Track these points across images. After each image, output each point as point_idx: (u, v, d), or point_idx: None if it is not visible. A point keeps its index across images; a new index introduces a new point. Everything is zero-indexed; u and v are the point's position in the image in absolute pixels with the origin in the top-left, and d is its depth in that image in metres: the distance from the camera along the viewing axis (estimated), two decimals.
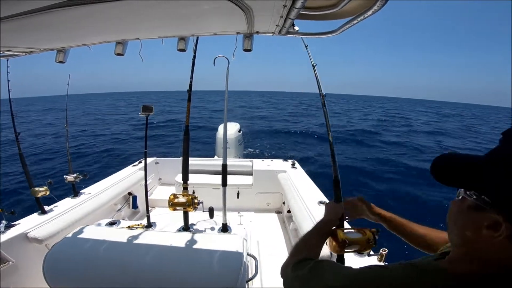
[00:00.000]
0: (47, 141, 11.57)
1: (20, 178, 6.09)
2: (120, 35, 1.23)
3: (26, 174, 2.06)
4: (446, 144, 12.63)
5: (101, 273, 1.17)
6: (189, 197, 1.55)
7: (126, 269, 1.17)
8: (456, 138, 15.56)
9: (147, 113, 1.79)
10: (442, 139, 14.43)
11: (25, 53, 1.34)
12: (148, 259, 1.19)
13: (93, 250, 1.24)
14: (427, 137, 14.95)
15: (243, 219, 2.97)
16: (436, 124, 23.08)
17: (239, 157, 4.45)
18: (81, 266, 1.20)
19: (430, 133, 16.63)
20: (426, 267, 0.42)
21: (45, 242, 1.82)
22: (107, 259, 1.22)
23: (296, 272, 0.66)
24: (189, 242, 1.29)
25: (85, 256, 1.22)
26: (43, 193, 2.03)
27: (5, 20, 0.77)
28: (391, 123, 21.33)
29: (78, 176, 2.41)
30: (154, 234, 1.39)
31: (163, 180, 3.83)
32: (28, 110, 32.37)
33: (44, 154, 9.31)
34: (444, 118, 30.94)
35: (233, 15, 0.92)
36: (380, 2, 0.67)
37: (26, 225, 1.87)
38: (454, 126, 22.30)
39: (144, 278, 1.13)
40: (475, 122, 29.70)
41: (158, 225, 1.87)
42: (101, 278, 1.15)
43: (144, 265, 1.17)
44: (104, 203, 2.51)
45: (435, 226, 0.85)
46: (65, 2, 0.69)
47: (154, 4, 0.83)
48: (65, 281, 1.18)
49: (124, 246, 1.30)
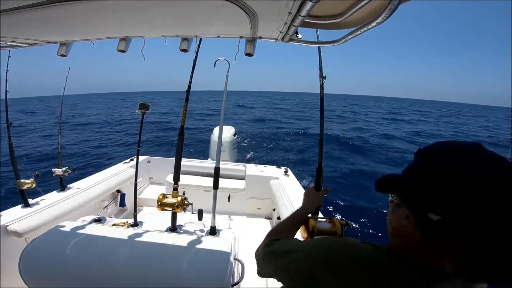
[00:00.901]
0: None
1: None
2: (124, 31, 1.23)
3: (13, 165, 2.01)
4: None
5: (81, 271, 1.12)
6: (179, 198, 1.52)
7: (108, 268, 1.13)
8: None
9: (143, 111, 1.78)
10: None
11: (28, 44, 1.33)
12: (131, 258, 1.16)
13: (74, 247, 1.19)
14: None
15: (233, 223, 2.94)
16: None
17: (233, 161, 4.44)
18: (60, 262, 1.15)
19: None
20: (383, 247, 0.56)
21: (25, 236, 1.76)
22: (87, 256, 1.18)
23: (266, 248, 0.74)
24: (175, 243, 1.26)
25: (65, 252, 1.17)
26: (29, 186, 1.98)
27: (10, 12, 0.76)
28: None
29: (67, 170, 2.35)
30: (140, 234, 1.36)
31: (154, 179, 3.78)
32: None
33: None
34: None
35: (237, 19, 0.93)
36: (385, 14, 0.68)
37: (7, 217, 1.80)
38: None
39: (126, 278, 1.09)
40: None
41: (145, 225, 1.83)
42: (81, 277, 1.10)
43: (126, 264, 1.13)
44: (91, 199, 2.45)
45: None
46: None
47: (160, 3, 0.83)
48: (41, 278, 1.12)
49: (107, 243, 1.26)
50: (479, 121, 36.30)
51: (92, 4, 0.78)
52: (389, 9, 0.67)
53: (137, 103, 1.80)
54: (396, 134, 16.59)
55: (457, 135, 19.68)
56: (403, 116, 33.33)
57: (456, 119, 37.26)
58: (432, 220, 0.45)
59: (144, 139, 10.75)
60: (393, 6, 0.66)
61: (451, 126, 26.12)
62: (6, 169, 6.10)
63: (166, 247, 1.24)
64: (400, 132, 17.92)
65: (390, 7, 0.66)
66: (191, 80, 1.65)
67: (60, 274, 1.12)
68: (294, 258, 0.60)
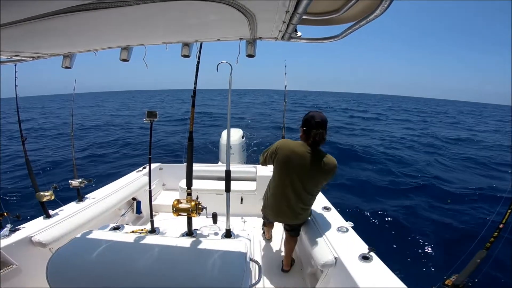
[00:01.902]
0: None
1: (24, 183, 6.15)
2: (125, 40, 1.25)
3: (31, 178, 2.08)
4: None
5: (104, 277, 1.16)
6: (193, 203, 1.54)
7: (129, 274, 1.16)
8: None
9: (152, 119, 1.80)
10: None
11: (32, 58, 1.37)
12: (151, 264, 1.18)
13: (97, 255, 1.23)
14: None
15: (247, 225, 2.95)
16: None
17: (243, 163, 4.44)
18: (84, 270, 1.19)
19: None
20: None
21: (49, 246, 1.83)
22: (110, 263, 1.22)
23: (262, 155, 2.10)
24: (192, 247, 1.28)
25: (88, 260, 1.22)
26: (48, 198, 2.05)
27: (13, 25, 0.79)
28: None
29: (83, 181, 2.42)
30: (158, 239, 1.38)
31: (167, 185, 3.84)
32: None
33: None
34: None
35: (236, 21, 0.93)
36: (382, 6, 0.67)
37: (30, 229, 1.88)
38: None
39: (148, 283, 1.12)
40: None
41: (162, 230, 1.86)
42: (104, 283, 1.14)
43: (147, 269, 1.16)
44: (108, 208, 2.52)
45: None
46: (72, 8, 0.71)
47: (159, 12, 0.84)
48: (68, 285, 1.17)
49: (128, 250, 1.30)
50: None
51: (93, 14, 0.79)
52: (386, 1, 0.65)
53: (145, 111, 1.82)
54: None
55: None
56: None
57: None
58: (303, 129, 1.84)
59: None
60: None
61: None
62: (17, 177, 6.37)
63: (184, 251, 1.27)
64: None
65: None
66: (196, 86, 1.66)
67: (86, 281, 1.16)
68: (270, 149, 1.97)
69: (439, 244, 3.99)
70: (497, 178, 7.37)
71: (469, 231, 4.17)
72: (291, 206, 1.93)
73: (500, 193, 5.55)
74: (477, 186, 6.43)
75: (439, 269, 3.39)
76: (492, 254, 1.60)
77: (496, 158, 9.71)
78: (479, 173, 7.96)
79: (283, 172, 1.88)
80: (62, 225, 2.01)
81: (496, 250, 1.62)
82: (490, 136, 16.07)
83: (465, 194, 5.90)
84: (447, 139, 13.70)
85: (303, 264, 2.43)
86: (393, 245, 3.97)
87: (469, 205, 5.35)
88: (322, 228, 1.99)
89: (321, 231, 1.95)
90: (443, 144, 12.51)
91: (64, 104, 40.61)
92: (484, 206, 5.20)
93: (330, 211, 2.27)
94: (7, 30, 0.84)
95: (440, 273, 1.74)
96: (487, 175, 7.79)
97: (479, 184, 6.67)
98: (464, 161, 9.35)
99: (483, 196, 5.75)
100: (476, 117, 35.53)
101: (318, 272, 2.06)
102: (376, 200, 5.51)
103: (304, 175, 1.81)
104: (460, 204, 5.41)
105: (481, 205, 5.30)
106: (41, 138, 12.87)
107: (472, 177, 7.55)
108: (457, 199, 5.63)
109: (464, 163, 9.02)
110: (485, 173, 7.95)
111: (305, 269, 2.33)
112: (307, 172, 1.80)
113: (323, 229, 1.98)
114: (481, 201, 5.49)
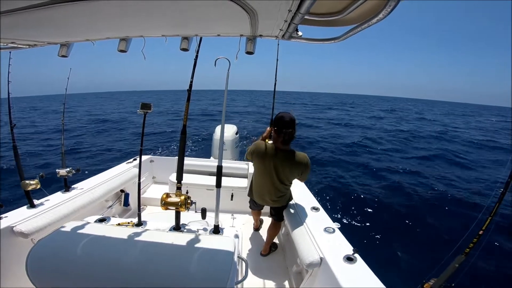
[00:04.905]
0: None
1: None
2: (124, 32, 1.23)
3: (18, 166, 2.02)
4: None
5: (87, 271, 1.13)
6: (182, 197, 1.52)
7: (113, 267, 1.14)
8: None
9: (145, 110, 1.77)
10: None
11: (28, 45, 1.34)
12: (136, 258, 1.16)
13: (80, 247, 1.20)
14: None
15: (236, 222, 2.96)
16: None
17: (235, 159, 4.44)
18: (66, 262, 1.16)
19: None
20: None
21: (31, 236, 1.78)
22: (94, 256, 1.19)
23: (247, 152, 2.31)
24: (179, 241, 1.27)
25: (71, 252, 1.18)
26: (34, 187, 1.99)
27: (10, 14, 0.77)
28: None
29: (71, 170, 2.37)
30: (144, 233, 1.37)
31: (157, 178, 3.79)
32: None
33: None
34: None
35: (237, 17, 0.93)
36: (386, 10, 0.68)
37: (13, 218, 1.82)
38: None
39: (131, 277, 1.10)
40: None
41: (149, 224, 1.84)
42: (88, 277, 1.11)
43: (132, 264, 1.14)
44: (96, 199, 2.47)
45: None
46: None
47: (160, 3, 0.83)
48: (48, 278, 1.14)
49: (113, 243, 1.27)
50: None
51: (93, 5, 0.78)
52: (389, 6, 0.66)
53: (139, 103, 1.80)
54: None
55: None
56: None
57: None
58: (275, 129, 2.11)
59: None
60: (393, 2, 0.66)
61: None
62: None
63: (170, 246, 1.25)
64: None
65: (390, 3, 0.66)
66: (192, 79, 1.65)
67: (67, 274, 1.13)
68: (249, 150, 2.26)
69: (421, 247, 4.11)
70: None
71: (452, 236, 4.32)
72: (269, 193, 2.31)
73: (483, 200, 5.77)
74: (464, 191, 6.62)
75: (421, 272, 3.49)
76: (471, 260, 1.67)
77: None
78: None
79: (260, 167, 2.28)
80: (46, 215, 1.95)
81: (474, 256, 1.69)
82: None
83: (450, 199, 6.09)
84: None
85: (288, 262, 2.45)
86: (376, 247, 4.07)
87: (454, 209, 5.53)
88: (310, 228, 2.02)
89: (308, 231, 1.98)
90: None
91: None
92: (468, 212, 5.38)
93: (319, 212, 2.31)
94: (5, 18, 0.82)
95: (421, 277, 1.79)
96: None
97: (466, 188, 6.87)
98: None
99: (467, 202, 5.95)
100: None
101: (303, 271, 2.09)
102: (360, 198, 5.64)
103: (276, 168, 2.19)
104: (444, 208, 5.58)
105: (465, 211, 5.48)
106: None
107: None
108: (442, 203, 5.81)
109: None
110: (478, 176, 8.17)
111: (290, 267, 2.35)
112: (278, 166, 2.17)
113: (310, 229, 2.00)
114: (465, 207, 5.67)
